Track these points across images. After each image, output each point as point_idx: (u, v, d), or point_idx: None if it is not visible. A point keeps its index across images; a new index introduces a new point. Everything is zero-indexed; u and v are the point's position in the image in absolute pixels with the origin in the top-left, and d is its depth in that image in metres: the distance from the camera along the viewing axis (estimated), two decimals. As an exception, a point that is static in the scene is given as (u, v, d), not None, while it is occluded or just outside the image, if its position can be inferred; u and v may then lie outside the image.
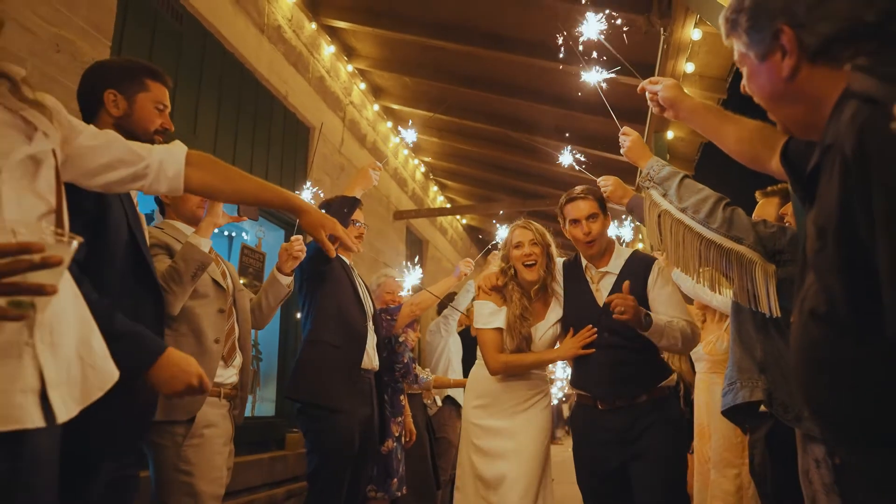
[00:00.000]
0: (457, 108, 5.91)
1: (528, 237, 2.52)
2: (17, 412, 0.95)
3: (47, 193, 1.10)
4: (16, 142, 1.07)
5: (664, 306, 2.28)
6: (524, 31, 4.33)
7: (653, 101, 1.73)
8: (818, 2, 0.89)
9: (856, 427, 0.81)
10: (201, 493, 1.89)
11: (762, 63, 0.99)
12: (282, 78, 4.42)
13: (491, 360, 2.47)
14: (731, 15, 1.03)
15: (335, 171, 5.30)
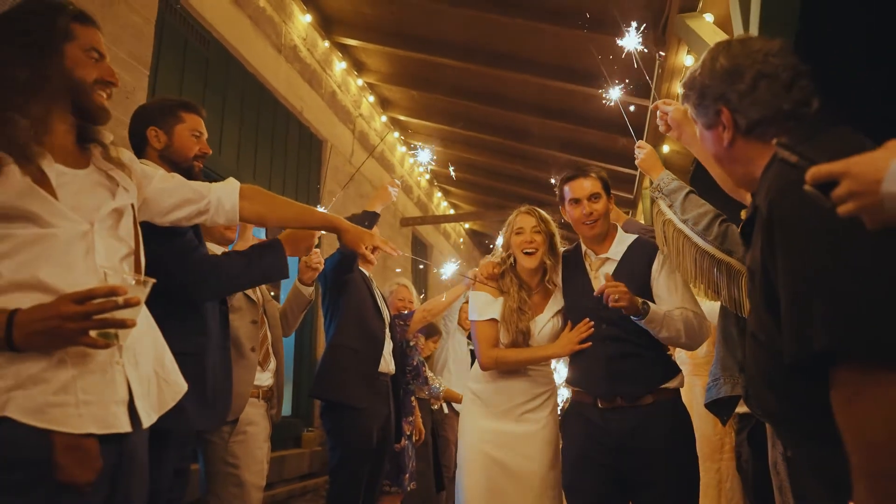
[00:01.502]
0: (461, 119, 6.16)
1: (531, 223, 2.32)
2: (113, 419, 1.18)
3: (128, 238, 1.33)
4: (104, 198, 1.30)
5: (670, 295, 2.10)
6: (525, 50, 4.57)
7: (662, 119, 1.93)
8: (748, 92, 1.14)
9: (789, 425, 1.05)
10: (246, 483, 2.13)
11: (708, 131, 1.24)
12: (297, 95, 4.66)
13: (482, 354, 2.29)
14: (685, 91, 1.28)
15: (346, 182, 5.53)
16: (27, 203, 1.13)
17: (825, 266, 0.92)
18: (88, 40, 1.33)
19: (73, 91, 1.28)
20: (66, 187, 1.21)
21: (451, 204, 9.24)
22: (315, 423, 4.56)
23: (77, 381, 1.12)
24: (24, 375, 1.07)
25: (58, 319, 1.05)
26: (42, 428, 1.07)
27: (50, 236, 1.15)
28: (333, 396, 2.93)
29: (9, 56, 1.21)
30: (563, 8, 3.84)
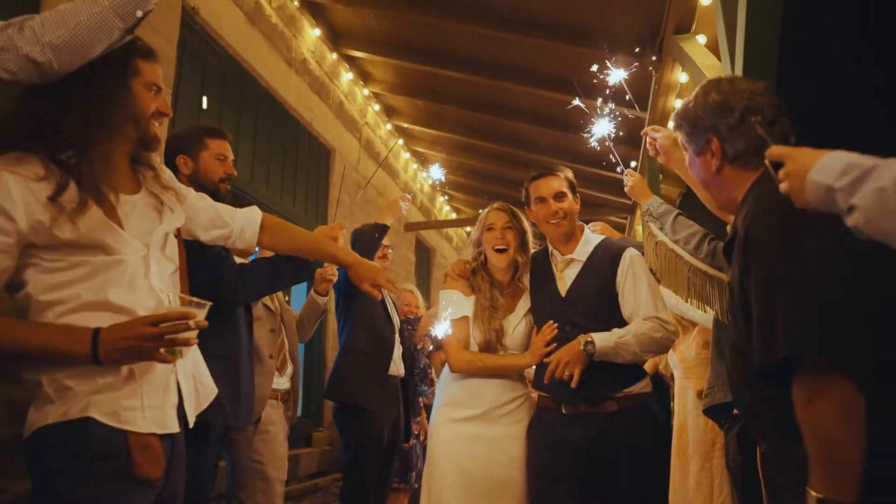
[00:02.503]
0: (463, 127, 6.34)
1: (503, 220, 2.26)
2: (169, 421, 1.35)
3: (173, 256, 1.47)
4: (155, 220, 1.44)
5: (635, 299, 2.07)
6: (527, 63, 4.74)
7: (651, 144, 2.06)
8: (736, 125, 1.30)
9: (764, 421, 1.22)
10: (270, 478, 2.31)
11: (697, 157, 1.40)
12: (307, 106, 4.83)
13: (454, 355, 2.18)
14: (679, 121, 1.44)
15: (353, 190, 5.71)
16: (101, 235, 1.28)
17: (789, 286, 1.08)
18: (151, 76, 1.44)
19: (136, 124, 1.40)
20: (128, 216, 1.36)
21: (453, 208, 9.41)
22: (325, 424, 4.73)
23: (143, 388, 1.29)
24: (100, 383, 1.24)
25: (136, 339, 1.20)
26: (118, 428, 1.23)
27: (118, 262, 1.30)
28: (346, 398, 3.10)
29: (87, 95, 1.31)
30: (563, 25, 4.01)
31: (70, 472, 1.21)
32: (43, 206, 1.23)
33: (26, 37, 1.21)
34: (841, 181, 0.92)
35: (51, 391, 1.24)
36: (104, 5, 1.21)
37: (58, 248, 1.26)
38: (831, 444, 1.02)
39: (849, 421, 1.02)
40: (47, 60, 1.22)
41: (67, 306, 1.25)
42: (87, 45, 1.24)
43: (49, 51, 1.21)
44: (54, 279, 1.27)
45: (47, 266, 1.26)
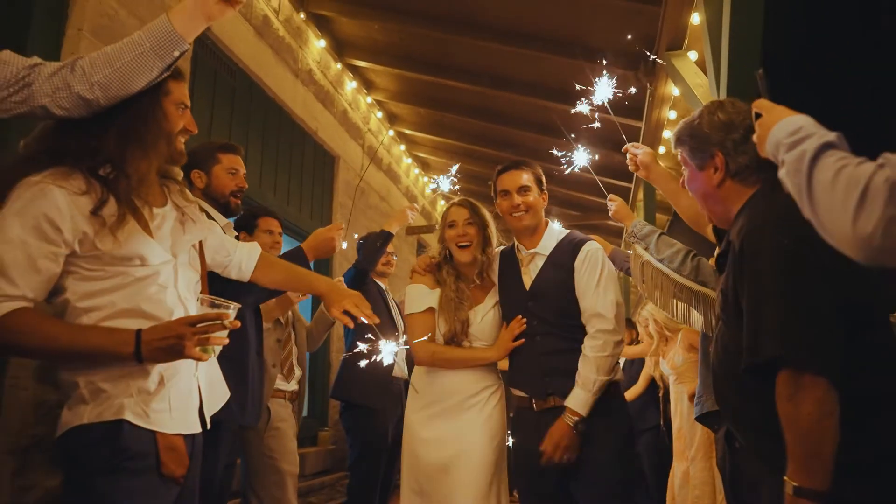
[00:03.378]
0: (464, 133, 6.49)
1: (463, 216, 2.26)
2: (193, 423, 1.47)
3: (196, 265, 1.60)
4: (180, 232, 1.54)
5: (588, 290, 2.09)
6: (526, 75, 4.88)
7: (632, 160, 2.17)
8: (741, 142, 1.42)
9: (744, 417, 1.35)
10: (283, 471, 2.46)
11: (699, 171, 1.52)
12: (312, 115, 4.98)
13: (418, 347, 2.16)
14: (683, 136, 1.55)
15: (356, 195, 5.85)
16: (137, 246, 1.39)
17: (777, 294, 1.22)
18: (179, 95, 1.53)
19: (167, 141, 1.50)
20: (159, 228, 1.47)
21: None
22: (330, 423, 4.88)
23: (170, 392, 1.41)
24: (133, 387, 1.34)
25: (176, 339, 1.30)
26: (148, 429, 1.34)
27: (150, 272, 1.42)
28: (352, 398, 3.24)
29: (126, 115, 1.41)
30: (560, 39, 4.15)
31: (104, 470, 1.30)
32: (86, 218, 1.33)
33: (77, 76, 1.33)
34: (788, 139, 1.06)
35: (86, 393, 1.33)
36: (146, 47, 1.34)
37: (97, 257, 1.35)
38: (808, 438, 1.15)
39: (824, 417, 1.15)
40: (95, 98, 1.34)
41: (103, 313, 1.35)
42: (130, 83, 1.36)
43: (97, 88, 1.33)
44: (92, 287, 1.36)
45: (86, 274, 1.36)
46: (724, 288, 1.41)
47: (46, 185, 1.31)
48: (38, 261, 1.29)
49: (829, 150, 0.99)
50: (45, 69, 1.34)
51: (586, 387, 1.99)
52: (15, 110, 1.33)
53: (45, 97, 1.32)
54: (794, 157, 1.03)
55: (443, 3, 4.27)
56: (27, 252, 1.28)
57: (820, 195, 0.97)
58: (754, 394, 1.33)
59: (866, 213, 0.88)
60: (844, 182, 0.92)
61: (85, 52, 2.63)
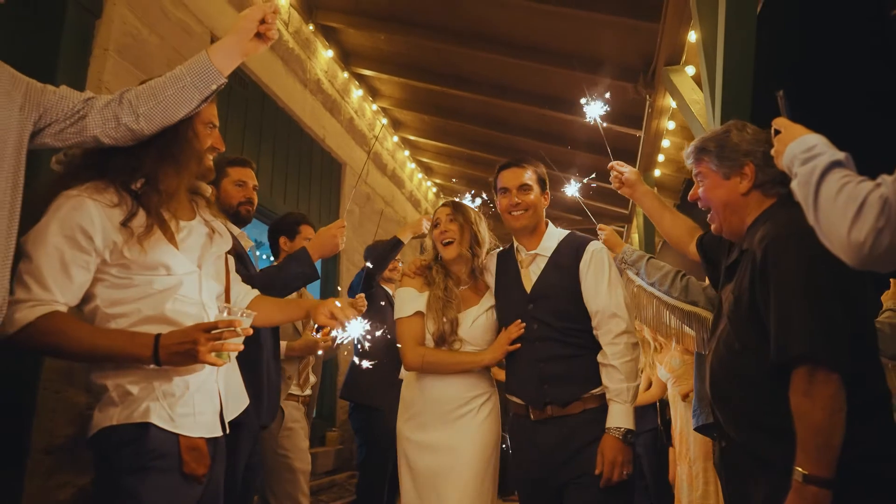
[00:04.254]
0: (467, 140, 6.62)
1: (445, 213, 2.24)
2: (214, 427, 1.57)
3: (221, 275, 1.71)
4: (207, 244, 1.65)
5: (597, 292, 2.00)
6: (528, 85, 5.01)
7: (616, 178, 2.24)
8: (769, 155, 1.50)
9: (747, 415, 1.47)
10: (296, 469, 2.60)
11: (725, 180, 1.63)
12: (320, 123, 5.11)
13: (408, 351, 2.10)
14: (709, 146, 1.65)
15: (362, 201, 5.98)
16: (162, 256, 1.50)
17: (803, 299, 1.35)
18: (208, 115, 1.65)
19: (198, 158, 1.61)
20: (185, 240, 1.58)
21: (456, 215, 9.68)
22: (337, 424, 5.01)
23: (194, 397, 1.51)
24: (158, 391, 1.44)
25: (192, 343, 1.39)
26: (172, 431, 1.44)
27: (174, 281, 1.52)
28: (361, 399, 3.38)
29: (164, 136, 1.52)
30: (563, 52, 4.28)
31: (132, 468, 1.39)
32: (117, 229, 1.43)
33: (125, 109, 1.45)
34: (803, 154, 1.20)
35: (115, 395, 1.43)
36: (187, 82, 1.47)
37: (125, 266, 1.45)
38: (821, 430, 1.28)
39: (836, 411, 1.28)
40: (140, 128, 1.46)
41: (130, 319, 1.45)
42: (172, 114, 1.48)
43: (143, 120, 1.45)
44: (120, 294, 1.46)
45: (114, 282, 1.46)
46: (737, 292, 1.53)
47: (82, 198, 1.42)
48: (70, 268, 1.39)
49: (837, 168, 1.12)
50: (97, 102, 1.46)
51: (621, 399, 1.90)
52: (70, 140, 1.46)
53: (97, 128, 1.45)
54: (807, 170, 1.16)
55: (448, 15, 4.40)
56: (61, 259, 1.38)
57: (823, 206, 1.10)
58: (758, 392, 1.45)
59: (860, 223, 1.02)
60: (845, 196, 1.05)
61: (111, 70, 2.77)
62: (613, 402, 1.90)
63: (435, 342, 2.11)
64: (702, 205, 1.71)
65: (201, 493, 1.51)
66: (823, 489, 1.26)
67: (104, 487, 1.43)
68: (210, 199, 1.76)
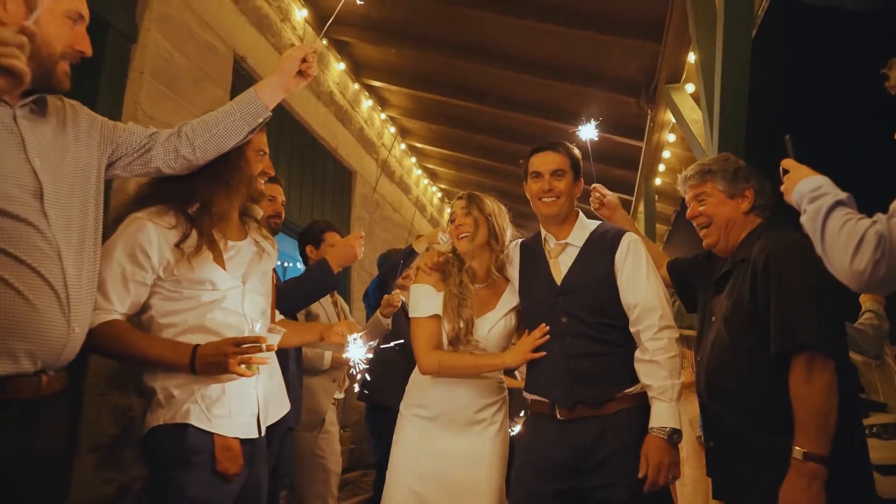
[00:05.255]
0: (473, 147, 6.80)
1: (460, 207, 2.13)
2: (250, 429, 1.71)
3: (267, 290, 1.87)
4: (255, 262, 1.82)
5: (634, 288, 1.89)
6: (534, 97, 5.20)
7: (597, 199, 2.32)
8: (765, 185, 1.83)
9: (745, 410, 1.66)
10: (330, 471, 2.76)
11: (730, 199, 1.86)
12: (333, 134, 5.29)
13: (423, 355, 2.00)
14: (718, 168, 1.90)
15: (372, 208, 6.17)
16: (208, 273, 1.67)
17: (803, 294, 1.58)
18: (259, 143, 1.82)
19: (248, 184, 1.78)
20: (232, 259, 1.75)
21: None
22: (349, 424, 5.19)
23: (230, 400, 1.66)
24: (198, 395, 1.61)
25: (223, 356, 1.57)
26: (208, 431, 1.60)
27: (219, 295, 1.69)
28: (377, 400, 3.55)
29: (216, 164, 1.70)
30: (568, 67, 4.46)
31: (174, 464, 1.57)
32: (171, 249, 1.62)
33: (183, 142, 1.64)
34: (811, 193, 1.40)
35: (161, 398, 1.61)
36: (237, 116, 1.66)
37: (177, 281, 1.64)
38: (819, 412, 1.49)
39: (832, 395, 1.50)
40: (196, 158, 1.66)
41: (178, 329, 1.63)
42: (224, 145, 1.68)
43: (198, 150, 1.65)
44: (171, 306, 1.65)
45: (167, 295, 1.64)
46: (734, 297, 1.75)
47: (144, 221, 1.61)
48: (129, 282, 1.59)
49: (840, 207, 1.33)
50: (160, 137, 1.65)
51: (666, 396, 1.79)
52: (137, 171, 1.65)
53: (160, 160, 1.64)
54: (814, 208, 1.35)
55: (457, 32, 4.58)
56: (122, 274, 1.58)
57: (829, 239, 1.29)
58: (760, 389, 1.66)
59: (860, 255, 1.23)
60: (847, 232, 1.27)
61: (146, 91, 2.96)
62: (657, 401, 1.78)
63: (450, 342, 2.01)
64: (702, 221, 1.91)
65: (239, 492, 1.66)
66: (821, 465, 1.46)
67: (155, 480, 1.61)
68: (261, 221, 1.95)
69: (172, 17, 3.18)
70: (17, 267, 1.18)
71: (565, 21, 3.76)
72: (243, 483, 1.68)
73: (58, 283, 1.26)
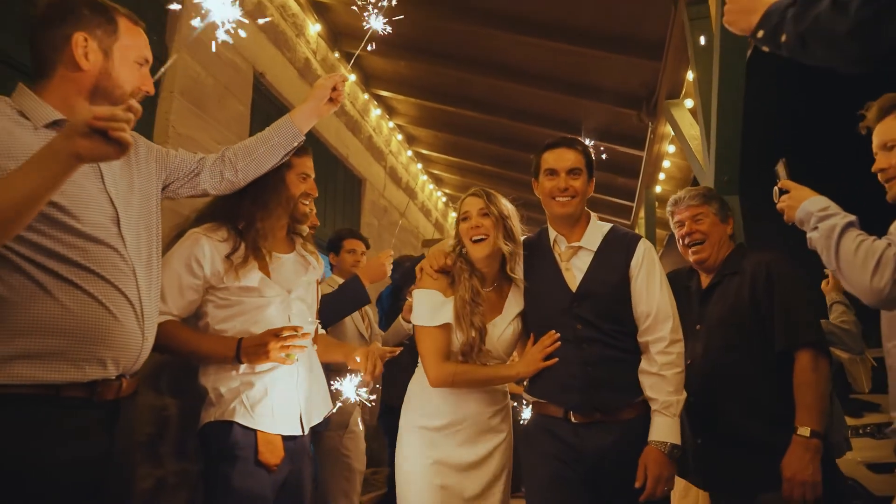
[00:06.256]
0: (477, 154, 6.99)
1: (477, 206, 1.98)
2: (292, 426, 1.90)
3: (312, 303, 2.07)
4: (300, 274, 2.05)
5: (649, 296, 1.86)
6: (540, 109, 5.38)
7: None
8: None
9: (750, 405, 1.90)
10: (354, 469, 2.93)
11: (723, 223, 2.15)
12: (344, 143, 5.48)
13: (434, 367, 1.90)
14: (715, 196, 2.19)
15: (380, 214, 6.35)
16: (255, 282, 1.89)
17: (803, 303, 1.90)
18: (302, 167, 2.05)
19: (287, 204, 2.00)
20: (277, 269, 1.96)
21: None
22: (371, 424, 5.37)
23: (274, 400, 1.85)
24: (243, 394, 1.81)
25: (263, 345, 1.79)
26: (252, 428, 1.80)
27: (264, 302, 1.91)
28: (391, 401, 3.73)
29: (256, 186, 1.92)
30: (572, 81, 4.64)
31: (224, 456, 1.78)
32: (222, 260, 1.85)
33: (227, 166, 1.85)
34: (819, 213, 1.54)
35: (212, 397, 1.83)
36: (274, 141, 1.88)
37: (227, 289, 1.86)
38: (822, 396, 1.81)
39: (828, 383, 1.83)
40: (238, 180, 1.87)
41: (229, 334, 1.86)
42: (263, 167, 1.89)
43: (240, 173, 1.86)
44: (223, 313, 1.88)
45: (219, 303, 1.88)
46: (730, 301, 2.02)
47: (199, 235, 1.86)
48: (184, 289, 1.83)
49: (852, 228, 1.45)
50: (207, 162, 1.85)
51: (670, 412, 1.78)
52: (186, 193, 1.85)
53: (206, 183, 1.84)
54: (827, 227, 1.47)
55: (466, 47, 4.76)
56: (179, 281, 1.81)
57: (844, 257, 1.41)
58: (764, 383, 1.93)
59: (879, 274, 1.38)
60: (864, 252, 1.42)
61: (176, 109, 3.14)
62: (661, 415, 1.79)
63: (462, 353, 1.93)
64: (698, 237, 2.16)
65: (282, 484, 1.85)
66: (820, 441, 1.77)
67: (209, 470, 1.83)
68: (308, 238, 2.19)
69: (199, 38, 3.36)
70: (103, 285, 1.37)
71: (571, 39, 3.94)
72: (285, 476, 1.87)
73: (134, 298, 1.44)
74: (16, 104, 1.39)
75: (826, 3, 1.03)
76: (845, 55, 1.02)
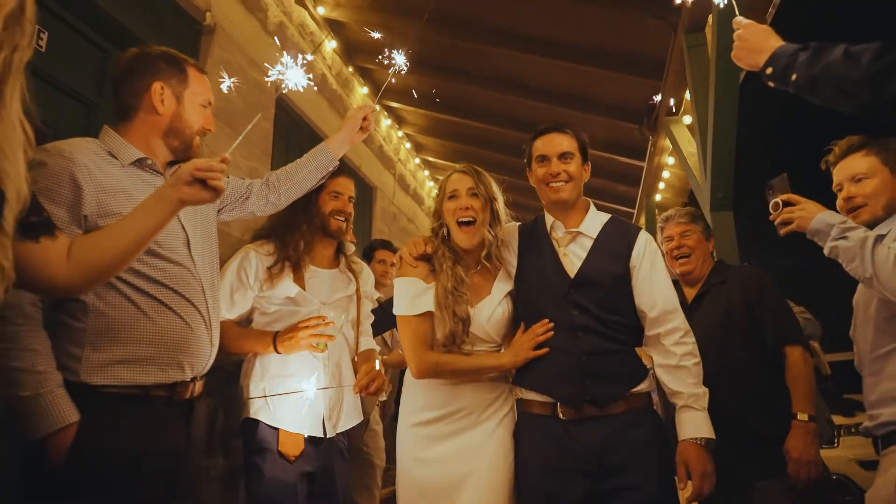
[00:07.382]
0: (481, 161, 7.19)
1: (467, 185, 1.89)
2: (314, 428, 2.11)
3: (350, 311, 2.32)
4: (339, 288, 2.30)
5: (650, 291, 1.80)
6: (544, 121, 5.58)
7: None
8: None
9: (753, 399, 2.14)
10: (375, 465, 3.16)
11: (707, 241, 2.42)
12: (357, 153, 5.70)
13: (417, 358, 1.80)
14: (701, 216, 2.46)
15: (390, 220, 6.58)
16: (288, 291, 2.16)
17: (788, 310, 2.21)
18: (333, 186, 2.30)
19: (320, 221, 2.25)
20: (312, 281, 2.22)
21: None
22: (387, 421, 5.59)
23: (296, 403, 2.06)
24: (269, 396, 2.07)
25: (293, 335, 2.08)
26: (274, 426, 2.06)
27: (297, 311, 2.17)
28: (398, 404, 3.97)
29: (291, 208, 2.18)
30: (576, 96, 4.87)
31: (254, 449, 2.06)
32: (265, 271, 2.14)
33: (271, 190, 2.09)
34: (841, 224, 1.53)
35: (244, 397, 2.11)
36: (312, 166, 2.14)
37: (267, 298, 2.15)
38: (812, 386, 2.10)
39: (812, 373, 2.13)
40: (280, 203, 2.12)
41: None
42: (302, 189, 2.15)
43: (283, 196, 2.11)
44: (264, 319, 2.17)
45: (262, 310, 2.18)
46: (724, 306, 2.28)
47: (249, 249, 2.18)
48: (234, 295, 2.13)
49: (881, 240, 1.48)
50: (254, 187, 2.09)
51: (699, 405, 1.73)
52: (235, 216, 2.10)
53: (253, 206, 2.09)
54: (857, 238, 1.48)
55: (474, 61, 4.98)
56: (231, 289, 2.12)
57: (881, 266, 1.44)
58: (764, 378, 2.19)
59: None
60: None
61: (209, 130, 3.37)
62: (691, 409, 1.73)
63: (444, 344, 1.83)
64: (685, 251, 2.44)
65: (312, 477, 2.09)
66: (816, 423, 2.05)
67: (246, 461, 2.10)
68: (352, 253, 2.43)
69: (229, 60, 3.59)
70: (180, 301, 1.59)
71: (576, 58, 4.16)
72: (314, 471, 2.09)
73: (204, 311, 1.67)
74: (105, 144, 1.61)
75: (839, 53, 1.14)
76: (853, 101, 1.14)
